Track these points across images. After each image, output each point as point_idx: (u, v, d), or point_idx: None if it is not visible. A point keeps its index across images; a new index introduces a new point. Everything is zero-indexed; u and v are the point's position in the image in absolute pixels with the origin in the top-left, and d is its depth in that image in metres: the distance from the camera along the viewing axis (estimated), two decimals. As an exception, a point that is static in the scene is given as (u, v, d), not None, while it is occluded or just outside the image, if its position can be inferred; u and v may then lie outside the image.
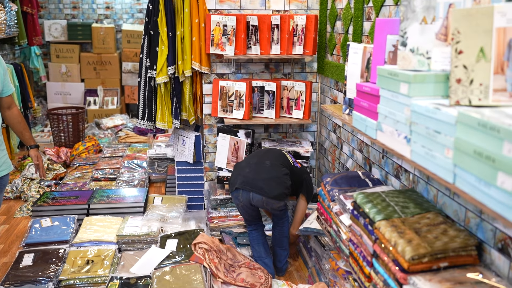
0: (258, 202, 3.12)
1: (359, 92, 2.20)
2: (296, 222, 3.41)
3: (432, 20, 1.77)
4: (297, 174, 3.33)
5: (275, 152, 3.38)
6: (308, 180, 3.38)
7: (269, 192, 3.07)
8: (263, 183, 3.08)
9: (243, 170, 3.22)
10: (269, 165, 3.19)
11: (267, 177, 3.11)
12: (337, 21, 3.52)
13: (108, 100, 8.02)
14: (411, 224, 1.99)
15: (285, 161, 3.30)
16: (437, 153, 1.53)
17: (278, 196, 3.08)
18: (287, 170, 3.22)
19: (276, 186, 3.09)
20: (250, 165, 3.23)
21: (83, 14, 8.31)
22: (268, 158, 3.27)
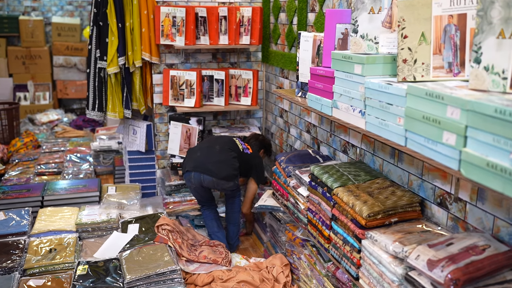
0: (209, 183, 3.35)
1: (313, 75, 2.45)
2: (246, 202, 3.67)
3: (379, 10, 2.06)
4: (247, 158, 3.55)
5: (224, 138, 3.61)
6: (258, 165, 3.62)
7: (218, 173, 3.30)
8: (212, 166, 3.32)
9: (195, 154, 3.45)
10: (219, 149, 3.42)
11: (216, 160, 3.34)
12: (281, 13, 3.78)
13: (40, 95, 7.80)
14: (364, 189, 2.28)
15: (233, 146, 3.52)
16: (390, 122, 1.82)
17: (227, 177, 3.32)
18: (235, 153, 3.45)
19: (224, 168, 3.32)
20: (202, 149, 3.46)
21: (8, 6, 7.98)
22: (218, 143, 3.49)
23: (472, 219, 1.93)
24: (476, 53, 1.52)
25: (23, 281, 2.81)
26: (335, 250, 2.34)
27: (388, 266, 1.90)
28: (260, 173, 3.64)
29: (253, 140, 3.80)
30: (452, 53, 1.77)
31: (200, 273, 3.01)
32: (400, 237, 1.94)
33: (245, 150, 3.59)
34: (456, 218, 2.01)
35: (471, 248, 1.70)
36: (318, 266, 2.66)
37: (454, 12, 1.74)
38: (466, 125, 1.40)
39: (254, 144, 3.74)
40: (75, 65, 7.89)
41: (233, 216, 3.62)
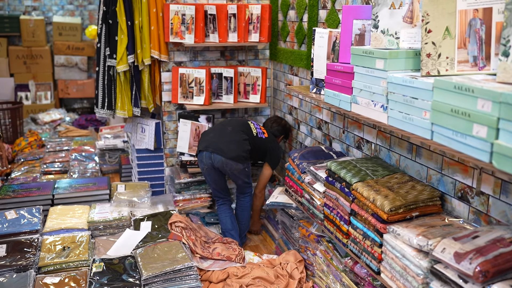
0: (219, 164, 3.37)
1: (330, 71, 2.46)
2: (259, 184, 3.69)
3: (400, 5, 2.07)
4: (261, 143, 3.54)
5: (238, 120, 3.67)
6: (272, 149, 3.60)
7: (227, 152, 3.33)
8: (223, 145, 3.36)
9: (207, 135, 3.52)
10: (230, 130, 3.47)
11: (227, 139, 3.39)
12: (290, 10, 3.79)
13: (41, 95, 7.77)
14: (383, 183, 2.29)
15: (246, 129, 3.54)
16: (414, 116, 1.83)
17: (236, 157, 3.34)
18: (246, 136, 3.47)
19: (234, 148, 3.35)
20: (214, 130, 3.53)
21: (8, 6, 7.95)
22: (231, 125, 3.54)
23: (495, 213, 1.94)
24: (505, 46, 1.53)
25: (38, 278, 2.81)
26: (354, 245, 2.35)
27: (412, 259, 1.91)
28: (275, 158, 3.62)
29: (275, 124, 3.81)
30: (477, 47, 1.78)
31: (215, 270, 3.01)
32: (423, 231, 1.95)
33: (260, 134, 3.57)
34: (478, 212, 2.02)
35: (498, 241, 1.71)
36: (335, 262, 2.67)
37: (479, 6, 1.75)
38: (498, 117, 1.42)
39: (275, 129, 3.77)
40: (76, 64, 7.87)
41: (243, 214, 3.63)
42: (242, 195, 3.62)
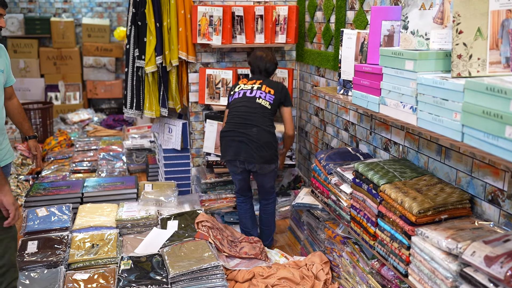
0: (254, 168, 3.36)
1: (358, 72, 2.46)
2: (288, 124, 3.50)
3: (430, 6, 2.05)
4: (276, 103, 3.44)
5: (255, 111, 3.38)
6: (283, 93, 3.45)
7: (261, 158, 3.30)
8: (255, 153, 3.29)
9: (233, 141, 3.35)
10: (256, 132, 3.32)
11: (256, 145, 3.30)
12: (317, 11, 3.78)
13: (70, 95, 7.94)
14: (411, 185, 2.28)
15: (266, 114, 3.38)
16: (445, 117, 1.81)
17: (270, 160, 3.35)
18: (271, 128, 3.38)
19: (266, 152, 3.31)
20: (239, 134, 3.33)
21: (40, 8, 8.15)
22: (252, 122, 3.34)
23: (527, 216, 1.91)
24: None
25: (68, 274, 2.87)
26: (382, 247, 2.33)
27: (441, 262, 1.90)
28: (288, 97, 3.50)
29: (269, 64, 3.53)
30: (510, 48, 1.76)
31: (241, 270, 3.03)
32: (452, 234, 1.93)
33: (271, 99, 3.41)
34: (509, 215, 1.99)
35: (531, 245, 1.69)
36: (361, 264, 2.65)
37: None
38: (532, 119, 1.40)
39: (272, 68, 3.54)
40: (105, 65, 8.01)
41: (268, 220, 3.61)
42: (266, 202, 3.60)
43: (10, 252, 2.26)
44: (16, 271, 2.32)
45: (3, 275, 2.23)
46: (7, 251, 2.23)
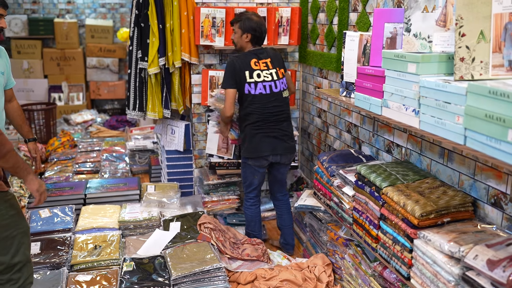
0: (283, 160, 3.38)
1: (361, 75, 2.45)
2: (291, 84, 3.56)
3: (433, 8, 2.05)
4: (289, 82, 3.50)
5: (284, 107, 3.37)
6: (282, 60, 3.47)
7: (292, 149, 3.41)
8: (288, 143, 3.37)
9: (268, 137, 3.30)
10: (286, 125, 3.38)
11: (288, 137, 3.38)
12: (320, 13, 3.78)
13: (74, 96, 7.96)
14: (414, 188, 2.27)
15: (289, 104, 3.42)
16: (447, 120, 1.81)
17: (294, 148, 3.44)
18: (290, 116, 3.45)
19: (293, 141, 3.44)
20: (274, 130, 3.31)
21: (43, 9, 8.17)
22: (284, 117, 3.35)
23: (530, 220, 1.90)
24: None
25: (71, 276, 2.88)
26: (384, 250, 2.33)
27: (443, 266, 1.89)
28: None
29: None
30: (513, 51, 1.75)
31: (243, 271, 3.03)
32: (455, 237, 1.93)
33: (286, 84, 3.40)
34: (512, 219, 1.98)
35: (533, 249, 1.68)
36: (363, 266, 2.65)
37: (515, 9, 1.72)
38: (535, 123, 1.39)
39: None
40: (108, 66, 8.02)
41: (289, 217, 3.58)
42: (285, 196, 3.58)
43: (24, 247, 2.26)
44: (31, 266, 2.33)
45: (20, 270, 2.24)
46: (20, 247, 2.24)
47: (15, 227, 2.23)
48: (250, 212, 3.49)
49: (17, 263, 2.22)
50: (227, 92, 3.25)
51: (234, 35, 3.35)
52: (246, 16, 3.29)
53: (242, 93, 3.29)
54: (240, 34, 3.30)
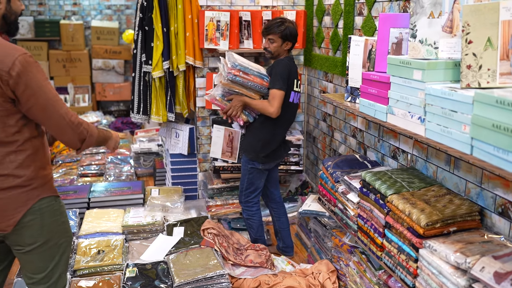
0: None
1: (366, 80, 2.42)
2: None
3: (439, 14, 2.01)
4: None
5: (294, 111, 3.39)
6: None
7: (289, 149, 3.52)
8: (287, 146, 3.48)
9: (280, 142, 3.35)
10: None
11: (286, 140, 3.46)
12: (325, 16, 3.75)
13: (79, 98, 7.97)
14: (419, 196, 2.23)
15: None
16: (453, 129, 1.77)
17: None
18: None
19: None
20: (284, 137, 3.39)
21: (49, 10, 8.19)
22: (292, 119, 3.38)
23: (538, 230, 1.86)
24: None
25: (74, 281, 2.87)
26: (389, 259, 2.29)
27: (449, 277, 1.86)
28: None
29: None
30: (521, 59, 1.71)
31: (246, 278, 3.01)
32: (461, 247, 1.89)
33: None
34: (520, 229, 1.95)
35: (542, 261, 1.64)
36: (368, 274, 2.62)
37: (524, 16, 1.68)
38: (543, 135, 1.36)
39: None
40: (113, 68, 8.03)
41: (287, 219, 3.57)
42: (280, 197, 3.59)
43: (65, 257, 2.19)
44: (66, 278, 2.24)
45: (56, 282, 2.16)
46: (63, 256, 2.16)
47: (64, 235, 2.17)
48: (258, 217, 3.44)
49: (55, 273, 2.14)
50: (279, 93, 3.09)
51: (271, 44, 3.22)
52: (286, 25, 3.20)
53: (286, 99, 3.20)
54: (280, 43, 3.21)
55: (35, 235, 2.05)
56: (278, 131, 3.27)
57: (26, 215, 2.02)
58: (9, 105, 1.90)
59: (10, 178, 1.96)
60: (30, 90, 1.89)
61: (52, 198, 2.12)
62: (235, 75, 3.08)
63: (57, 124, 1.98)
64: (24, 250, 2.07)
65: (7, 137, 1.94)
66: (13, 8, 2.06)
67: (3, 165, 1.95)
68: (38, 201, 2.04)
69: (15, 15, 2.07)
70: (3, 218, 1.99)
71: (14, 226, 2.00)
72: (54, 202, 2.13)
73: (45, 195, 2.07)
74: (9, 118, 1.92)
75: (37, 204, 2.04)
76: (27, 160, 1.99)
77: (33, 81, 1.89)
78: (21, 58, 1.86)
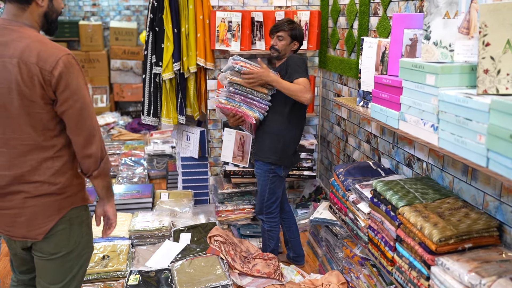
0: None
1: (378, 85, 2.29)
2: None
3: (455, 14, 1.87)
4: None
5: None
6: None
7: None
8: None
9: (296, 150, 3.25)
10: None
11: None
12: (340, 17, 3.62)
13: (97, 98, 7.99)
14: (433, 209, 2.09)
15: None
16: (468, 139, 1.63)
17: None
18: None
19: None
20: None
21: (69, 11, 8.24)
22: None
23: (562, 250, 1.70)
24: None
25: None
26: (400, 274, 2.16)
27: (462, 299, 1.71)
28: None
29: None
30: (543, 63, 1.56)
31: (253, 288, 2.90)
32: (476, 266, 1.75)
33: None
34: (542, 247, 1.79)
35: None
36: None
37: (547, 17, 1.54)
38: None
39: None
40: (131, 68, 8.02)
41: (297, 228, 3.43)
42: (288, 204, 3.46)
43: (83, 271, 2.11)
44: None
45: None
46: (81, 268, 2.08)
47: (86, 246, 2.10)
48: (278, 228, 3.27)
49: (71, 285, 2.05)
50: (307, 81, 2.91)
51: (280, 42, 3.12)
52: (295, 25, 3.15)
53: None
54: (289, 42, 3.13)
55: (61, 245, 1.98)
56: (298, 133, 3.15)
57: (58, 224, 1.94)
58: (49, 107, 1.85)
59: (45, 185, 1.89)
60: (69, 92, 1.82)
61: (83, 207, 2.05)
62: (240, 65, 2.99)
63: (87, 132, 1.89)
64: (46, 258, 1.99)
65: (45, 141, 1.88)
66: (55, 6, 1.99)
67: (39, 171, 1.88)
68: (70, 210, 1.97)
69: (56, 14, 2.00)
70: (34, 226, 1.92)
71: (44, 235, 1.94)
72: (84, 212, 2.06)
73: (77, 204, 2.00)
74: (49, 121, 1.86)
75: (69, 213, 1.97)
76: (64, 167, 1.92)
77: (74, 83, 1.83)
78: (65, 58, 1.81)
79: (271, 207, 3.18)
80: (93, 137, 1.90)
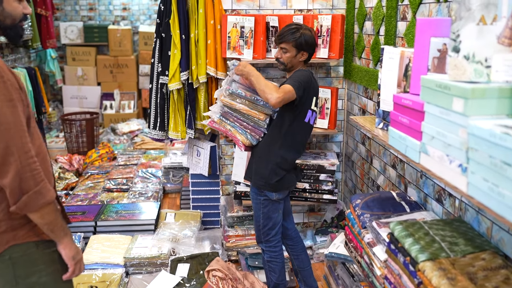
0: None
1: (397, 106, 1.86)
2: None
3: (493, 20, 1.42)
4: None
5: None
6: None
7: None
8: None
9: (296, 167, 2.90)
10: None
11: None
12: (366, 21, 3.18)
13: (125, 104, 7.81)
14: (463, 267, 1.64)
15: None
16: (505, 190, 1.19)
17: None
18: None
19: None
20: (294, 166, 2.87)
21: (99, 16, 8.12)
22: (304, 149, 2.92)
23: None
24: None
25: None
26: None
27: None
28: None
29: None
30: None
31: (251, 336, 2.51)
32: None
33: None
34: None
35: None
36: None
37: None
38: None
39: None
40: (160, 74, 7.79)
41: (307, 256, 3.03)
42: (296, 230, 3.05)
43: None
44: None
45: None
46: None
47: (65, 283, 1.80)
48: (281, 259, 2.88)
49: None
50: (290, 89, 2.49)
51: (284, 54, 2.69)
52: (301, 32, 2.66)
53: (301, 118, 2.67)
54: (294, 54, 2.68)
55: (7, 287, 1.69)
56: (289, 155, 2.70)
57: None
58: None
59: None
60: None
61: (32, 244, 1.72)
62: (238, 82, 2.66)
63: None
64: None
65: None
66: (7, 10, 1.71)
67: None
68: (8, 248, 1.67)
69: (11, 19, 1.72)
70: None
71: None
72: (35, 249, 1.72)
73: (19, 241, 1.69)
74: None
75: (7, 251, 1.67)
76: None
77: None
78: None
79: (268, 234, 2.79)
80: (7, 164, 1.56)
